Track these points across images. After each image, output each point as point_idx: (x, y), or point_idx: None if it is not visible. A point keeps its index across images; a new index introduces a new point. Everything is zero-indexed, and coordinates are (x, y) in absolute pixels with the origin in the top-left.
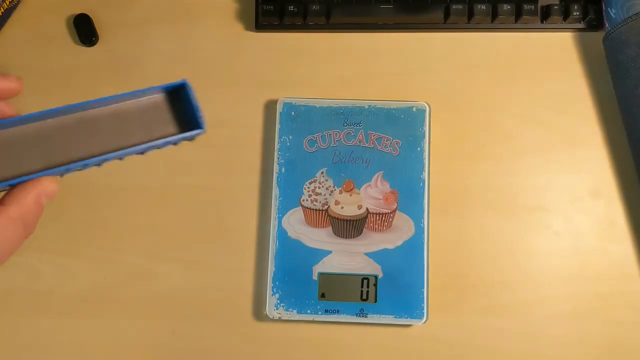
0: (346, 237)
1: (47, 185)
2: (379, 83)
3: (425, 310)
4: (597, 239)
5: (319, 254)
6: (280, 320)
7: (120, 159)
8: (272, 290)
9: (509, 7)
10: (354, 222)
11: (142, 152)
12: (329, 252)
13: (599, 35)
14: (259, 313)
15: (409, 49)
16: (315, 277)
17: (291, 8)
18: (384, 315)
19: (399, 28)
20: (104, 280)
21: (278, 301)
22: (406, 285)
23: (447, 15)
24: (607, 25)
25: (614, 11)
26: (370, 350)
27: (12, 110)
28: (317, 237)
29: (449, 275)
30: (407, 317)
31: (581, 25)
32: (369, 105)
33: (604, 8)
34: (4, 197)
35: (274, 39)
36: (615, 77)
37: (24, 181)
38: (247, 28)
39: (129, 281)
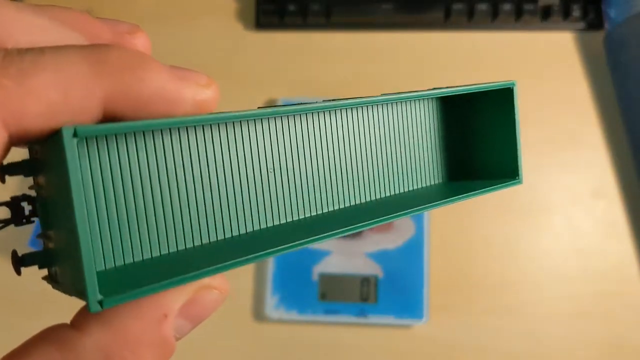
0: (346, 237)
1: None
2: (379, 83)
3: (425, 310)
4: (597, 239)
5: (319, 254)
6: (280, 320)
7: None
8: (272, 291)
9: (509, 7)
10: None
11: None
12: (329, 252)
13: (599, 35)
14: (259, 313)
15: (409, 49)
16: (315, 277)
17: (291, 8)
18: (384, 316)
19: (399, 28)
20: None
21: (278, 301)
22: (406, 286)
23: (447, 14)
24: (607, 25)
25: (614, 11)
26: (370, 350)
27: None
28: None
29: (449, 275)
30: (407, 317)
31: (581, 25)
32: None
33: (604, 8)
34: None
35: (274, 39)
36: (615, 77)
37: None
38: (247, 28)
39: None
